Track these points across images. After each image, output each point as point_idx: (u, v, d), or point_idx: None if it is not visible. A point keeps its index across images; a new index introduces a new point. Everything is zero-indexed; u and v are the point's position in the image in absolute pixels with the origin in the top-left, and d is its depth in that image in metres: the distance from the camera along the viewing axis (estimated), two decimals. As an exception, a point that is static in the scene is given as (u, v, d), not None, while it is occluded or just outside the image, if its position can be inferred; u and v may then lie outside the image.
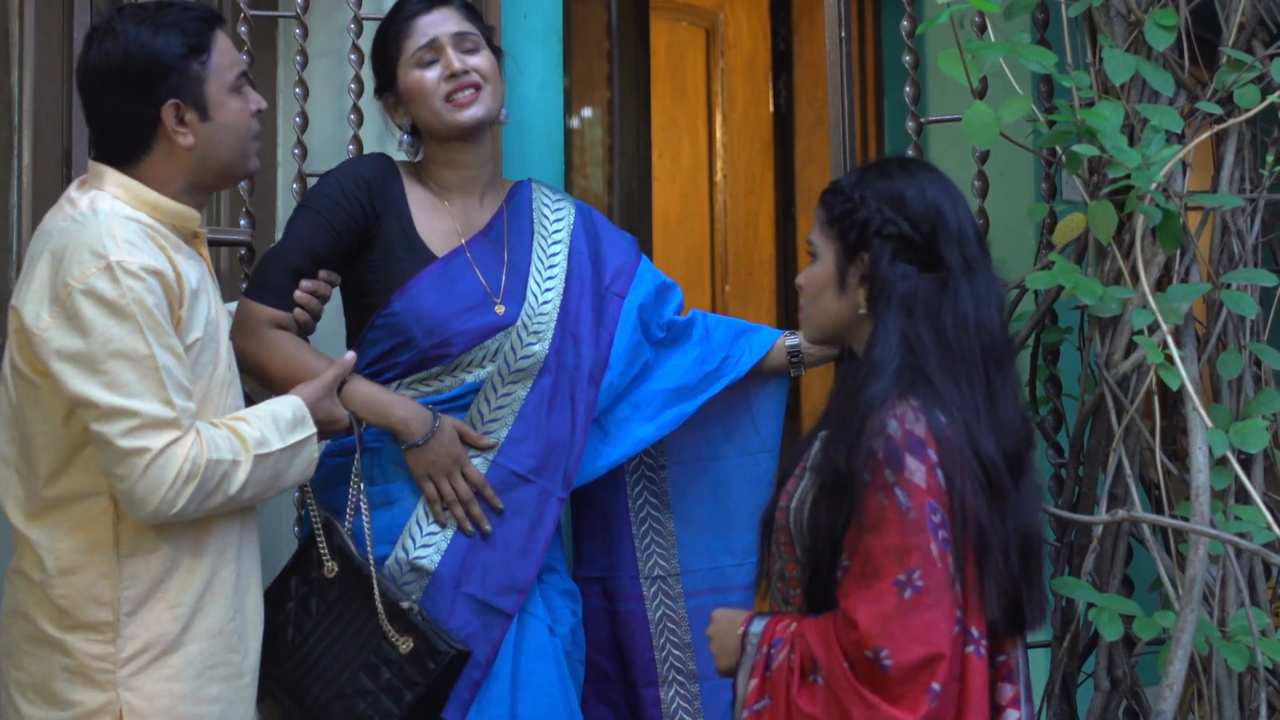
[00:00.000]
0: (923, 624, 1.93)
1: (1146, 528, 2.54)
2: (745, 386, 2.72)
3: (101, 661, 2.13)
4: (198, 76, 2.23)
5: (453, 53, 2.54)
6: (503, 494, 2.51)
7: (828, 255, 2.15)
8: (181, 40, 2.22)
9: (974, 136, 2.41)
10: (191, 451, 2.10)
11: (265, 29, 3.13)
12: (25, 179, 2.98)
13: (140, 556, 2.15)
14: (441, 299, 2.51)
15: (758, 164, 5.10)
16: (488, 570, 2.48)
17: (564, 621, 2.58)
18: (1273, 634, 2.44)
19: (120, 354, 2.08)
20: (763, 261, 5.06)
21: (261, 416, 2.24)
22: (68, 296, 2.09)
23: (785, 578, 2.13)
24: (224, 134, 2.27)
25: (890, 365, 2.04)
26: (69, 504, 2.16)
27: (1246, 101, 2.52)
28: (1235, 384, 2.61)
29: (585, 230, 2.67)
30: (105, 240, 2.11)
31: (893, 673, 1.92)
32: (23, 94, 2.99)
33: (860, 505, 1.97)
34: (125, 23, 2.23)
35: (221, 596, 2.21)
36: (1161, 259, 2.55)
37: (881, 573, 1.95)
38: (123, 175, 2.23)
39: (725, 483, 2.75)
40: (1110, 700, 2.57)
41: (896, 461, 1.96)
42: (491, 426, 2.52)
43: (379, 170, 2.58)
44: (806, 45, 4.98)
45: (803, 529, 2.07)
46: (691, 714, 2.70)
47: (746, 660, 2.07)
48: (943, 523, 1.96)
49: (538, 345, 2.54)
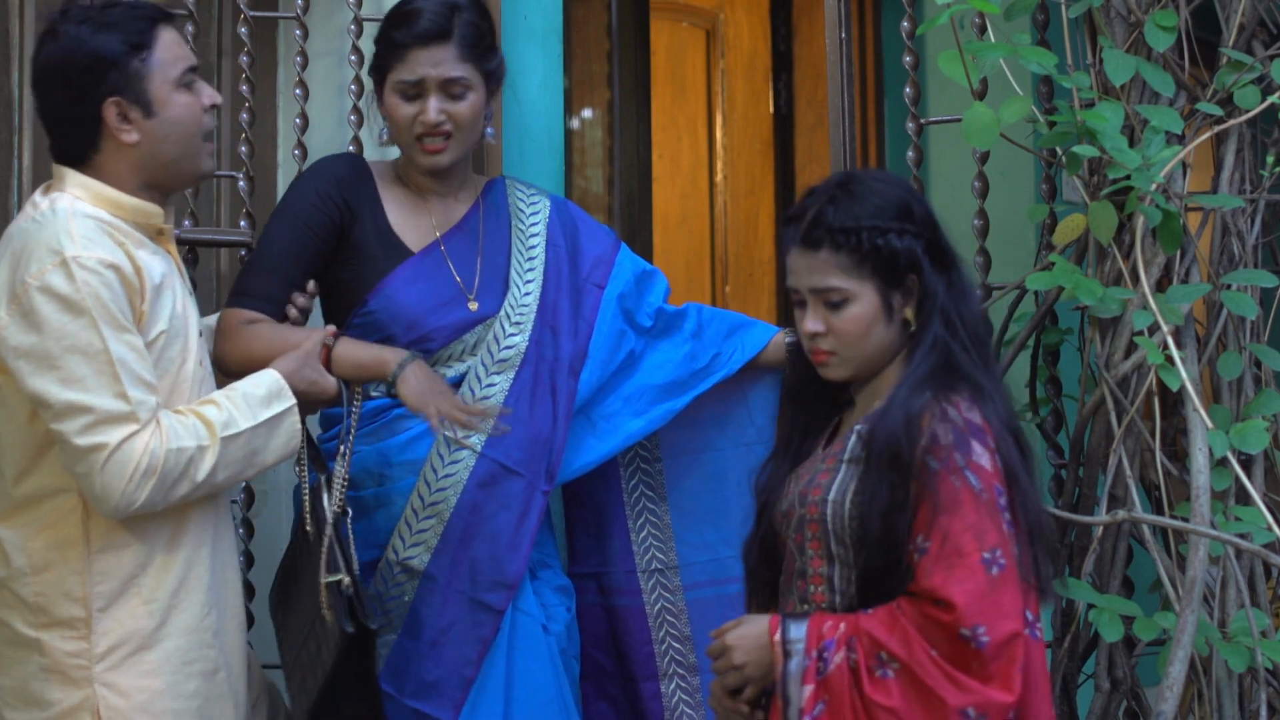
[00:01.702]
0: (1009, 600, 1.95)
1: (1146, 528, 2.54)
2: (740, 378, 2.71)
3: (76, 659, 2.14)
4: (139, 73, 2.22)
5: (434, 100, 2.51)
6: (490, 487, 2.49)
7: (866, 293, 2.11)
8: (121, 38, 2.22)
9: (974, 137, 2.41)
10: (151, 444, 2.10)
11: (265, 30, 3.13)
12: (25, 179, 2.98)
13: (112, 552, 2.16)
14: (418, 295, 2.52)
15: (758, 165, 5.10)
16: (476, 566, 2.47)
17: (558, 619, 2.58)
18: (1273, 635, 2.44)
19: (74, 349, 2.08)
20: (763, 262, 5.06)
21: (232, 397, 2.23)
22: (24, 293, 2.10)
23: (807, 576, 2.12)
24: (170, 129, 2.26)
25: (936, 369, 2.07)
26: (39, 501, 2.16)
27: (1246, 102, 2.52)
28: (1235, 385, 2.61)
29: (561, 222, 2.68)
30: (62, 237, 2.12)
31: (988, 650, 1.92)
32: (23, 94, 2.99)
33: (933, 489, 1.98)
34: (68, 23, 2.23)
35: (196, 592, 2.21)
36: (1161, 260, 2.55)
37: (965, 550, 1.95)
38: (83, 175, 2.23)
39: (721, 474, 2.75)
40: (1110, 701, 2.57)
41: (964, 446, 1.99)
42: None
43: (350, 169, 2.58)
44: (806, 46, 4.98)
45: (843, 521, 2.07)
46: (693, 706, 2.70)
47: (795, 668, 2.03)
48: (1007, 505, 1.99)
49: (518, 337, 2.55)
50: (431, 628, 2.46)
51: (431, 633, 2.45)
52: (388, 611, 2.47)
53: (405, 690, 2.44)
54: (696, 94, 5.16)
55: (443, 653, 2.45)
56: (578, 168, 4.02)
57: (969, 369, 2.08)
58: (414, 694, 2.44)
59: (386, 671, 2.44)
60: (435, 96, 2.50)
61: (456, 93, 2.52)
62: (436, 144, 2.52)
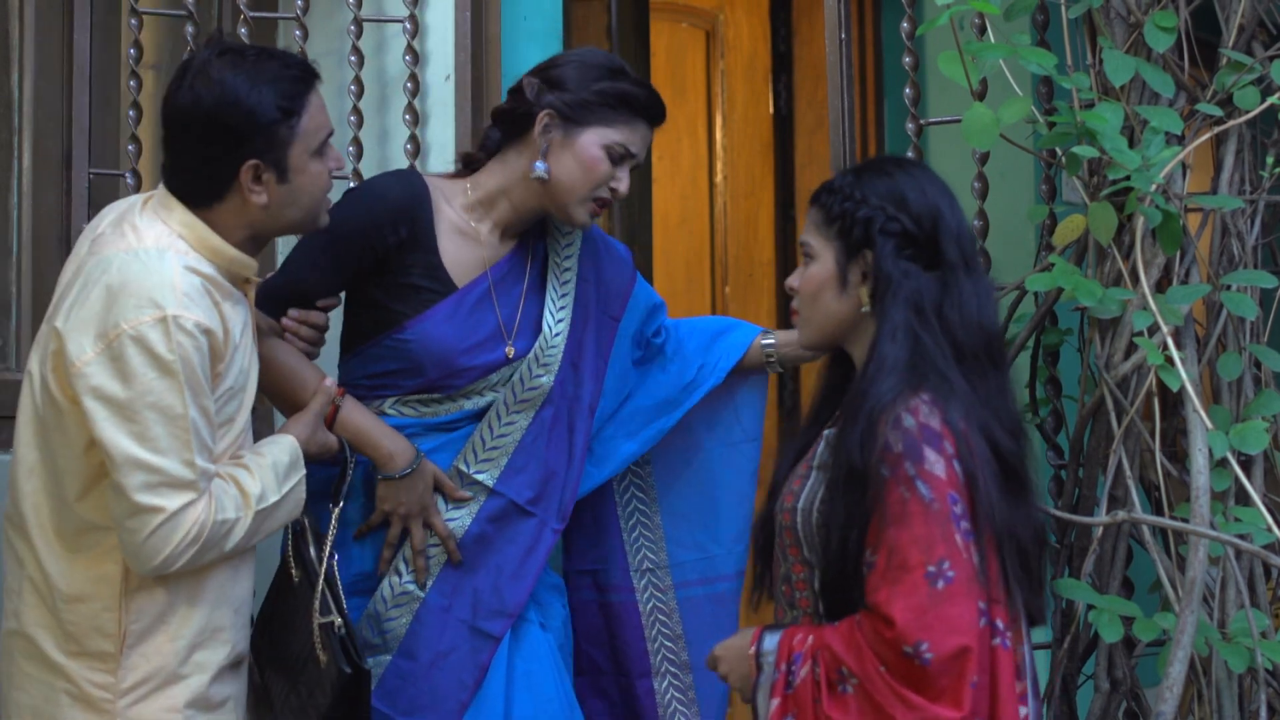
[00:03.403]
0: (956, 614, 1.92)
1: (1146, 529, 2.54)
2: (726, 379, 2.72)
3: (102, 690, 2.13)
4: (284, 140, 2.18)
5: (625, 173, 2.50)
6: (499, 521, 2.49)
7: (826, 255, 2.15)
8: (274, 101, 2.16)
9: (974, 138, 2.41)
10: (201, 515, 2.10)
11: (265, 30, 3.13)
12: (25, 180, 2.98)
13: (145, 591, 2.15)
14: (456, 333, 2.47)
15: (757, 165, 5.09)
16: (478, 596, 2.48)
17: (555, 615, 2.59)
18: (1272, 635, 2.44)
19: (156, 407, 2.06)
20: (763, 263, 5.06)
21: (263, 466, 2.22)
22: (117, 338, 2.06)
23: (790, 580, 2.12)
24: (299, 196, 2.23)
25: (899, 361, 2.04)
26: (84, 533, 2.15)
27: (1246, 103, 2.52)
28: (1235, 385, 2.61)
29: (589, 253, 2.65)
30: (165, 290, 2.08)
31: (933, 666, 1.90)
32: (23, 95, 2.99)
33: (881, 499, 1.96)
34: (223, 69, 2.16)
35: (221, 630, 2.21)
36: (1161, 260, 2.55)
37: (910, 565, 1.93)
38: (191, 215, 2.19)
39: (710, 474, 2.76)
40: (1110, 701, 2.57)
41: (915, 454, 1.96)
42: (492, 454, 2.50)
43: (408, 194, 2.48)
44: (806, 47, 4.98)
45: (812, 529, 2.06)
46: (685, 704, 2.70)
47: (765, 680, 2.04)
48: (964, 514, 1.96)
49: (545, 377, 2.52)
50: (430, 650, 2.45)
51: (429, 655, 2.45)
52: (384, 633, 2.46)
53: (399, 707, 2.44)
54: (696, 95, 5.15)
55: (440, 675, 2.45)
56: (577, 168, 4.01)
57: (940, 365, 2.04)
58: (407, 711, 2.44)
59: (380, 691, 2.42)
60: (626, 169, 2.50)
61: (630, 168, 2.52)
62: (601, 208, 2.51)
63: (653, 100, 2.51)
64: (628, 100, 2.47)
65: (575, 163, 2.46)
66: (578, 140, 2.46)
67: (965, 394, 2.03)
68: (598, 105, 2.46)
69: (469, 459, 2.49)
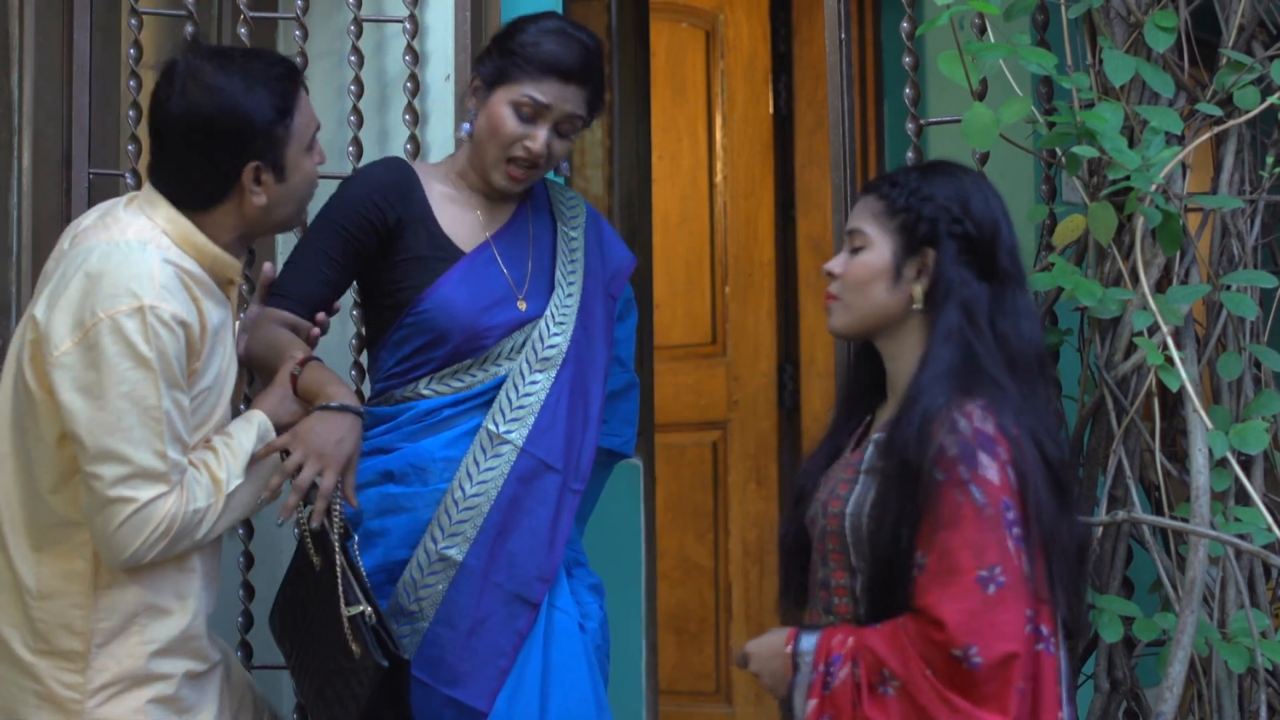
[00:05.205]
0: (1005, 620, 1.92)
1: (1146, 529, 2.54)
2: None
3: (71, 691, 2.13)
4: (281, 139, 2.20)
5: (545, 131, 2.49)
6: (530, 482, 2.50)
7: (883, 246, 2.13)
8: (269, 101, 2.18)
9: (974, 138, 2.41)
10: (172, 509, 2.10)
11: (265, 30, 3.13)
12: (25, 180, 2.98)
13: (116, 589, 2.15)
14: (470, 295, 2.51)
15: (757, 165, 5.09)
16: (515, 560, 2.48)
17: (593, 616, 2.60)
18: (1273, 635, 2.44)
19: (130, 397, 2.06)
20: (763, 263, 5.05)
21: (231, 446, 2.22)
22: (93, 327, 2.07)
23: (830, 587, 2.11)
24: (293, 192, 2.26)
25: (954, 364, 2.04)
26: (59, 526, 2.15)
27: (1246, 103, 2.52)
28: (1235, 385, 2.61)
29: (594, 229, 2.70)
30: (143, 281, 2.09)
31: (981, 670, 1.90)
32: (23, 94, 2.99)
33: (935, 503, 1.96)
34: (214, 74, 2.17)
35: (195, 638, 2.21)
36: (1161, 260, 2.55)
37: (962, 568, 1.93)
38: (176, 212, 2.19)
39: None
40: (1110, 702, 2.56)
41: (970, 458, 1.96)
42: (519, 413, 2.51)
43: (397, 175, 2.56)
44: (806, 47, 4.97)
45: (862, 535, 2.05)
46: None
47: (801, 680, 2.03)
48: (1016, 520, 1.96)
49: (560, 336, 2.55)
50: (468, 617, 2.46)
51: (469, 622, 2.46)
52: (420, 600, 2.47)
53: (439, 678, 2.44)
54: (696, 95, 5.15)
55: (479, 642, 2.45)
56: (577, 168, 4.02)
57: (992, 370, 2.04)
58: (449, 682, 2.44)
59: (419, 659, 2.43)
60: (547, 127, 2.50)
61: (564, 130, 2.52)
62: (521, 171, 2.52)
63: (554, 52, 2.49)
64: (527, 54, 2.49)
65: (486, 122, 2.52)
66: (489, 100, 2.52)
67: (1017, 401, 2.03)
68: (504, 63, 2.51)
69: (497, 419, 2.50)
